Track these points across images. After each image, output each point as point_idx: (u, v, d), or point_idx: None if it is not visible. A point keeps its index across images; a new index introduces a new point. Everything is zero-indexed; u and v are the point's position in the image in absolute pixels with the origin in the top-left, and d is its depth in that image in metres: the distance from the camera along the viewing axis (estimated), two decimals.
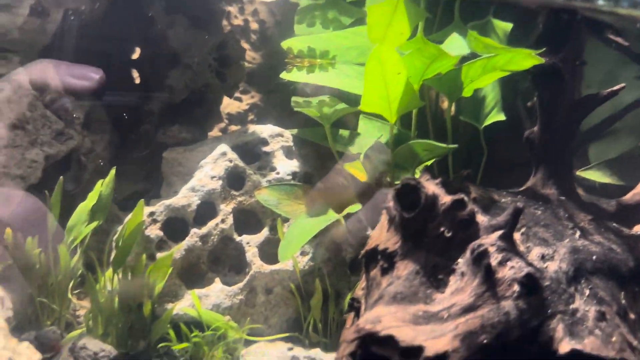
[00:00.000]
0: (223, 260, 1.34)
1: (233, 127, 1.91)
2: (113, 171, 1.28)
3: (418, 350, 0.78)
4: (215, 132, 1.82)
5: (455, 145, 0.97)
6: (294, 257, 1.26)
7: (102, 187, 1.26)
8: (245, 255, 1.31)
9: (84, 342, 1.04)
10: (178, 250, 1.26)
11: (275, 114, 1.95)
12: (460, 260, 0.90)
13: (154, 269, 1.18)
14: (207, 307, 1.22)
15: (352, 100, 1.47)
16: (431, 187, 0.94)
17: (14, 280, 1.22)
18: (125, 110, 1.63)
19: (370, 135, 1.40)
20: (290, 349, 1.19)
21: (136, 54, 1.69)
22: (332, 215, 1.27)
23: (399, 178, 1.29)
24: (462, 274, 0.89)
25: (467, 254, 0.88)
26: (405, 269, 0.91)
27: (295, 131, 1.49)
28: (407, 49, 1.15)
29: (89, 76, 1.38)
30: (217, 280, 1.29)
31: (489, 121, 1.33)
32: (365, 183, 1.48)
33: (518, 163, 1.40)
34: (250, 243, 1.32)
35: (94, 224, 1.24)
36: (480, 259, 0.86)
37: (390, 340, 0.80)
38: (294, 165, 1.43)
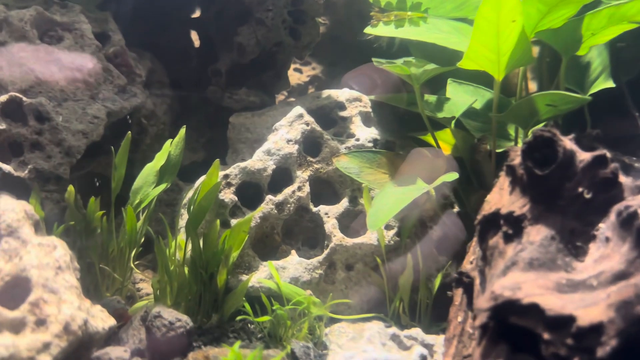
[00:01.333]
0: (297, 232, 1.28)
1: (293, 99, 1.85)
2: (183, 130, 1.23)
3: (568, 320, 0.70)
4: (279, 99, 1.76)
5: (590, 98, 0.89)
6: (380, 230, 1.19)
7: (172, 147, 1.21)
8: (323, 227, 1.24)
9: (158, 310, 0.99)
10: (253, 217, 1.20)
11: (336, 87, 1.89)
12: (601, 225, 0.82)
13: (231, 236, 1.12)
14: (284, 280, 1.16)
15: (438, 61, 1.39)
16: (566, 141, 0.86)
17: (73, 244, 1.18)
18: (189, 72, 1.58)
19: (461, 100, 1.32)
20: (389, 326, 1.12)
21: (197, 13, 1.64)
22: (422, 185, 1.20)
23: (501, 146, 1.21)
24: (607, 240, 0.80)
25: (612, 216, 0.80)
26: (538, 234, 0.83)
27: (372, 97, 1.42)
28: None
29: None
30: (293, 252, 1.23)
31: (594, 89, 1.24)
32: (457, 155, 1.40)
33: (622, 138, 1.31)
34: (329, 214, 1.25)
35: (163, 186, 1.18)
36: (629, 221, 0.78)
37: (534, 309, 0.72)
38: (373, 132, 1.36)
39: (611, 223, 0.81)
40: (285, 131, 1.29)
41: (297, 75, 1.93)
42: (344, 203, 1.28)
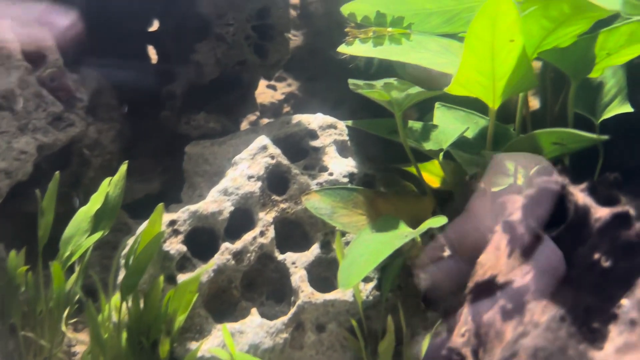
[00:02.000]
0: (260, 284, 1.11)
1: (265, 121, 1.70)
2: (124, 167, 1.06)
3: None
4: (245, 125, 1.60)
5: (606, 137, 0.73)
6: (355, 286, 1.03)
7: (110, 187, 1.05)
8: (290, 280, 1.08)
9: None
10: (205, 271, 1.03)
11: (316, 106, 1.73)
12: (624, 301, 0.66)
13: (175, 297, 0.96)
14: (242, 347, 0.99)
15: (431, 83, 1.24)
16: (578, 194, 0.70)
17: None
18: (141, 93, 1.42)
19: (451, 127, 1.16)
20: None
21: (155, 26, 1.48)
22: (407, 230, 1.04)
23: (499, 185, 1.05)
24: (632, 323, 0.65)
25: (638, 292, 0.64)
26: (543, 312, 0.67)
27: (349, 122, 1.27)
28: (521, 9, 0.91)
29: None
30: (254, 311, 1.06)
31: (609, 114, 1.09)
32: (446, 188, 1.24)
33: None
34: (297, 263, 1.09)
35: (98, 235, 1.02)
36: None
37: None
38: (350, 164, 1.20)
39: (637, 300, 0.65)
40: (246, 166, 1.12)
41: (271, 92, 1.77)
42: (315, 250, 1.11)
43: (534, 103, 1.83)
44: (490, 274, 0.74)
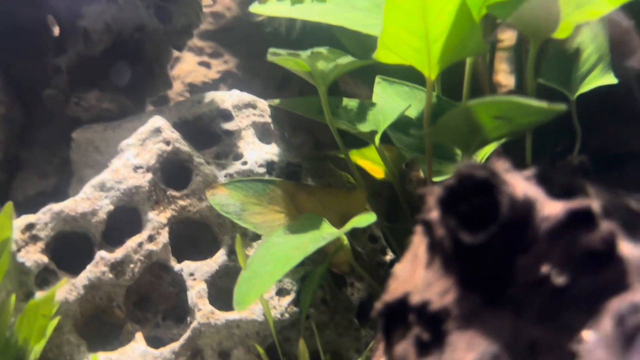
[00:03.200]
0: (156, 300, 0.93)
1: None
2: (9, 207, 0.83)
3: None
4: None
5: (563, 107, 0.55)
6: (263, 300, 0.84)
7: None
8: (186, 295, 0.89)
9: None
10: (73, 286, 0.84)
11: (258, 87, 1.54)
12: (588, 334, 0.47)
13: (24, 321, 0.77)
14: None
15: (364, 56, 1.05)
16: (519, 182, 0.52)
17: None
18: (39, 69, 1.22)
19: (391, 106, 0.98)
20: None
21: None
22: (327, 231, 0.86)
23: (443, 173, 0.87)
24: None
25: (606, 322, 0.46)
26: (470, 348, 0.49)
27: (275, 101, 1.08)
28: None
29: None
30: (139, 336, 0.87)
31: (586, 86, 0.91)
32: (384, 179, 1.06)
33: (628, 156, 0.98)
34: (196, 275, 0.90)
35: None
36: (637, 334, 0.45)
37: None
38: (271, 151, 1.01)
39: (604, 333, 0.46)
40: (133, 153, 0.93)
41: (204, 70, 1.58)
42: (220, 257, 0.92)
43: (508, 82, 1.65)
44: (402, 290, 0.56)
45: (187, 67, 1.59)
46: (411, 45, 0.77)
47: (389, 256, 1.03)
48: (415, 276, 0.56)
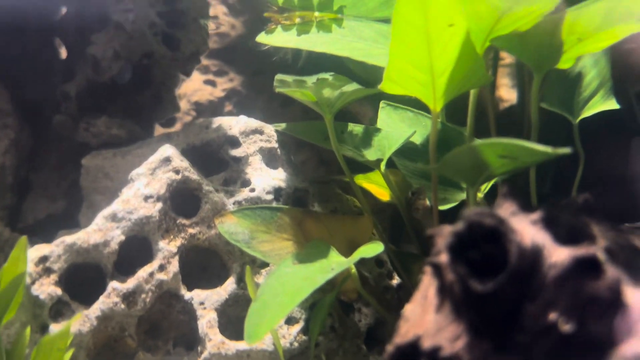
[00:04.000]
0: (166, 328, 0.94)
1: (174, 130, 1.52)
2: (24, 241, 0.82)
3: None
4: (166, 130, 1.42)
5: (568, 150, 0.57)
6: (272, 330, 0.86)
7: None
8: (197, 324, 0.90)
9: None
10: (86, 317, 0.85)
11: (262, 103, 1.56)
12: None
13: (41, 353, 0.78)
14: None
15: (371, 80, 1.07)
16: (526, 228, 0.53)
17: None
18: (48, 93, 1.24)
19: (396, 132, 0.99)
20: None
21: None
22: (335, 261, 0.87)
23: (449, 201, 0.88)
24: None
25: None
26: None
27: (282, 126, 1.09)
28: None
29: None
30: None
31: (589, 111, 0.93)
32: (384, 203, 1.08)
33: (631, 179, 1.00)
34: (206, 304, 0.91)
35: None
36: None
37: None
38: (278, 177, 1.03)
39: None
40: (144, 183, 0.94)
41: (209, 89, 1.59)
42: (229, 285, 0.94)
43: (511, 97, 1.66)
44: (413, 334, 0.57)
45: (193, 86, 1.61)
46: (416, 79, 0.78)
47: (395, 280, 1.05)
48: (426, 319, 0.57)
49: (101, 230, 0.90)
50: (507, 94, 1.67)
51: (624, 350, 0.48)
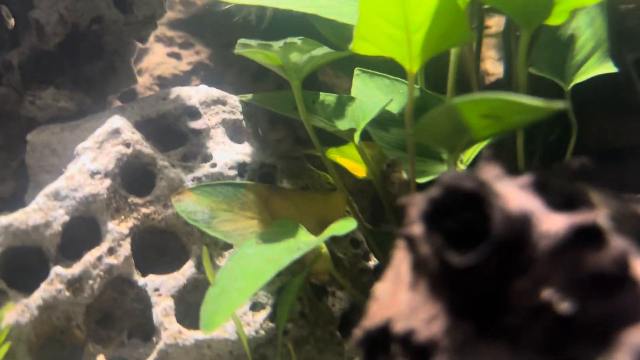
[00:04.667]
0: (120, 317, 0.86)
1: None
2: None
3: None
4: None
5: (562, 105, 0.49)
6: (235, 317, 0.78)
7: None
8: (152, 312, 0.82)
9: None
10: (25, 307, 0.77)
11: (232, 78, 1.47)
12: None
13: None
14: None
15: (345, 47, 0.99)
16: (512, 193, 0.45)
17: None
18: None
19: (372, 100, 0.92)
20: None
21: None
22: (304, 240, 0.79)
23: (428, 173, 0.80)
24: None
25: (621, 357, 0.40)
26: None
27: (247, 96, 1.01)
28: None
29: None
30: (102, 358, 0.80)
31: (583, 76, 0.85)
32: (365, 179, 1.01)
33: (631, 149, 0.93)
34: (161, 290, 0.83)
35: None
36: None
37: None
38: (243, 151, 0.95)
39: None
40: (90, 158, 0.86)
41: (174, 62, 1.50)
42: (188, 269, 0.86)
43: (497, 70, 1.59)
44: (384, 315, 0.49)
45: (156, 59, 1.51)
46: (390, 35, 0.70)
47: (373, 262, 0.97)
48: (398, 299, 0.50)
49: (42, 210, 0.81)
50: (494, 67, 1.59)
51: (633, 334, 0.40)
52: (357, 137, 0.87)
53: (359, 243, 0.97)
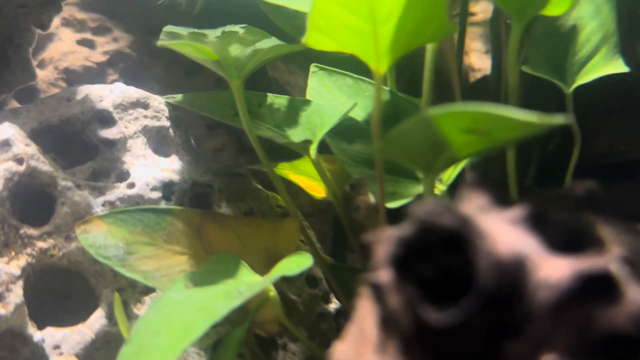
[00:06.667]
0: None
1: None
2: None
3: None
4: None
5: (562, 120, 0.48)
6: None
7: None
8: None
9: None
10: None
11: (160, 73, 1.45)
12: None
13: None
14: None
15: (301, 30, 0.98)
16: (502, 230, 0.44)
17: None
18: None
19: (331, 105, 0.91)
20: None
21: None
22: (246, 281, 0.77)
23: (399, 195, 0.79)
24: None
25: None
26: None
27: (176, 97, 0.99)
28: None
29: None
30: None
31: (587, 76, 0.87)
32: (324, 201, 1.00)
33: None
34: (62, 347, 0.80)
35: None
36: None
37: None
38: (170, 167, 0.93)
39: None
40: None
41: (85, 51, 1.46)
42: (97, 321, 0.83)
43: (485, 64, 1.61)
44: None
45: (63, 48, 1.47)
46: (352, 27, 0.69)
47: (334, 304, 0.96)
48: None
49: None
50: (480, 61, 1.61)
51: None
52: (313, 150, 0.86)
53: (316, 281, 0.96)
